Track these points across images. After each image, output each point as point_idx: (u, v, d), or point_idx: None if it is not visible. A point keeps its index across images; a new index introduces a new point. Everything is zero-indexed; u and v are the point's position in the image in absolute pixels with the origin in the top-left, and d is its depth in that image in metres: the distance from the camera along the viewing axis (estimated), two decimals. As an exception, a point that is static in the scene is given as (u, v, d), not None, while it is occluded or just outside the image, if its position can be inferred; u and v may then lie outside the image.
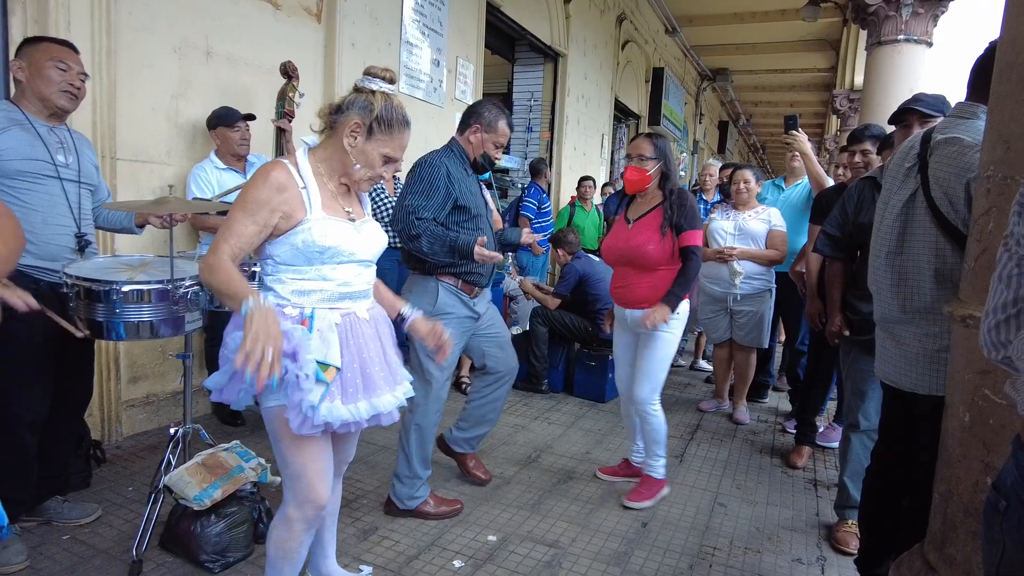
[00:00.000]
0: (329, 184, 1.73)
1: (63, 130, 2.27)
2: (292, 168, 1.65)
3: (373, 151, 1.69)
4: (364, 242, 1.75)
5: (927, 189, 1.71)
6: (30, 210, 2.12)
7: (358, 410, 1.68)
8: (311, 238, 1.62)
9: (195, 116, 3.47)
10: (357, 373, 1.70)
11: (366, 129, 1.67)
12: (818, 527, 2.86)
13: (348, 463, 2.04)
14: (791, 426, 4.03)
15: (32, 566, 2.20)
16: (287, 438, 1.66)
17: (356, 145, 1.68)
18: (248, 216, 1.57)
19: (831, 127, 12.73)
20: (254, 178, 1.61)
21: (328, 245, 1.64)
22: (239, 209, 1.58)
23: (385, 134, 1.69)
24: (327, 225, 1.65)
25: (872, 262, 1.95)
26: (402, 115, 1.72)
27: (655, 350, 2.86)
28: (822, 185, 3.88)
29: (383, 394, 1.75)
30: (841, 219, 2.69)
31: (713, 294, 4.21)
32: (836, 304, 2.78)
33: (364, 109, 1.66)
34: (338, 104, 1.70)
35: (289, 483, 1.73)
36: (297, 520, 1.73)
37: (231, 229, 1.56)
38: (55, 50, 2.18)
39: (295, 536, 1.75)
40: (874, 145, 3.15)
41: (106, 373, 3.10)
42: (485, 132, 2.71)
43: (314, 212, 1.64)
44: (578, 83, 8.30)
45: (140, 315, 2.00)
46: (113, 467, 2.95)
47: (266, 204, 1.58)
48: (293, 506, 1.73)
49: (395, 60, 4.94)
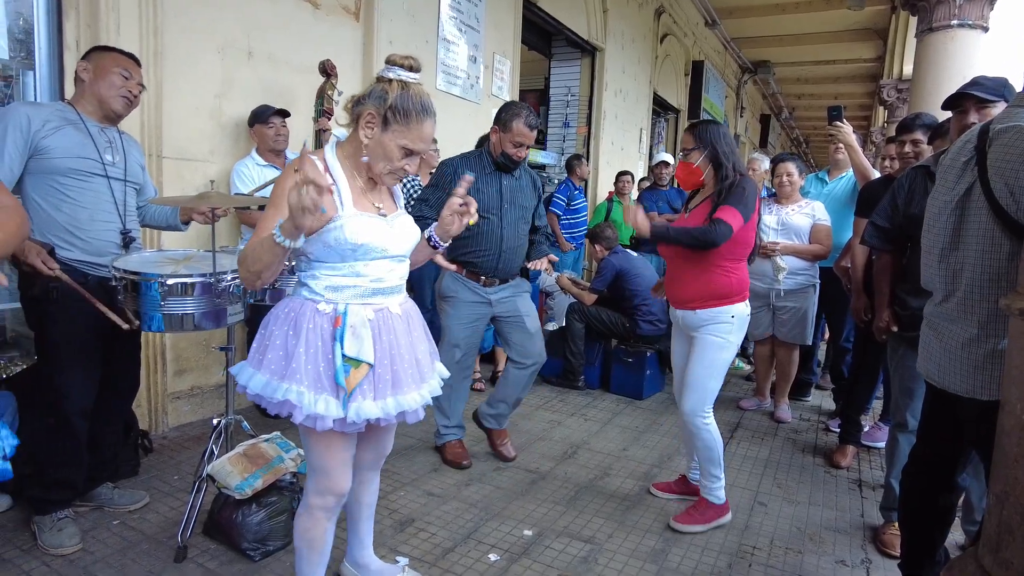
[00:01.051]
0: (359, 179, 1.71)
1: (113, 131, 2.35)
2: (320, 165, 1.64)
3: (390, 143, 1.62)
4: (396, 237, 1.73)
5: (985, 182, 1.64)
6: (79, 207, 2.20)
7: (387, 406, 1.69)
8: (343, 236, 1.61)
9: (237, 115, 3.55)
10: (387, 369, 1.71)
11: (381, 119, 1.61)
12: (863, 529, 2.78)
13: (386, 456, 2.05)
14: (835, 425, 3.93)
15: (85, 548, 2.29)
16: (312, 433, 1.68)
17: (372, 136, 1.63)
18: (279, 212, 1.55)
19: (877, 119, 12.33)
20: (282, 178, 1.61)
21: (360, 243, 1.63)
22: (271, 206, 1.60)
23: (402, 124, 1.61)
24: (358, 222, 1.64)
25: (925, 260, 1.88)
26: (420, 104, 1.62)
27: (703, 355, 2.57)
28: (867, 177, 3.76)
29: (410, 392, 1.75)
30: (891, 210, 2.60)
31: (755, 290, 4.10)
32: (885, 298, 2.69)
33: (378, 99, 1.60)
34: (359, 95, 1.67)
35: (312, 473, 1.76)
36: (318, 508, 1.77)
37: (264, 228, 1.56)
38: (122, 60, 2.30)
39: (317, 524, 1.78)
40: (925, 134, 3.03)
41: (153, 366, 3.20)
42: (502, 132, 2.86)
43: (345, 209, 1.64)
44: (616, 77, 8.22)
45: (184, 308, 2.05)
46: (160, 456, 3.05)
47: None
48: (314, 495, 1.76)
49: (432, 57, 4.96)
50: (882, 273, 2.71)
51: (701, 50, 11.40)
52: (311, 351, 1.63)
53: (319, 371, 1.62)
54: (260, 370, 1.64)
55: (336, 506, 1.80)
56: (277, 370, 1.63)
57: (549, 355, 4.74)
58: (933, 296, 1.85)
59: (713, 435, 2.63)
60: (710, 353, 2.57)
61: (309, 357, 1.62)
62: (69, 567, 2.19)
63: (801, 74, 14.34)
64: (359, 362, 1.63)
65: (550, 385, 4.68)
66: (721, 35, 11.87)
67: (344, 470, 1.76)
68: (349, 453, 1.77)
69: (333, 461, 1.73)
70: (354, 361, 1.63)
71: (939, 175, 1.86)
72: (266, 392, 1.62)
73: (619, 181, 6.78)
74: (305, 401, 1.60)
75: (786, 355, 4.17)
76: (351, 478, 1.81)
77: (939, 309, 1.81)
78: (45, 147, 2.12)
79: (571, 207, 6.13)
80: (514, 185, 3.03)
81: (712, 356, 2.57)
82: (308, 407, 1.60)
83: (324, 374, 1.62)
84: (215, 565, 2.24)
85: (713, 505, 2.69)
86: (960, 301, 1.74)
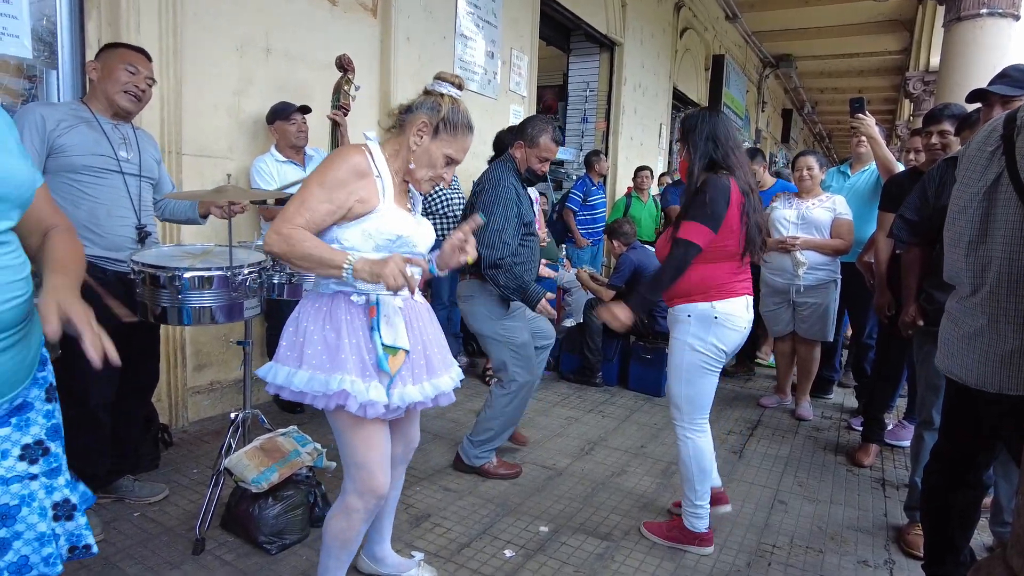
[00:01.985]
0: (396, 178, 1.77)
1: (127, 127, 2.38)
2: (369, 156, 1.70)
3: (437, 151, 1.73)
4: (422, 236, 1.81)
5: (1014, 172, 1.59)
6: (96, 203, 2.23)
7: (425, 390, 1.76)
8: (385, 226, 1.67)
9: (255, 112, 3.57)
10: (420, 355, 1.77)
11: (432, 129, 1.72)
12: (886, 529, 2.72)
13: (414, 448, 2.08)
14: (857, 423, 3.86)
15: (107, 539, 2.32)
16: (350, 428, 1.69)
17: (422, 144, 1.73)
18: (325, 193, 1.61)
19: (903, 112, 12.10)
20: (334, 159, 1.65)
21: (400, 233, 1.69)
22: (316, 185, 1.61)
23: (450, 135, 1.73)
24: (397, 216, 1.70)
25: (949, 254, 1.83)
26: (467, 120, 1.77)
27: (670, 357, 2.40)
28: (891, 171, 3.68)
29: (442, 375, 1.82)
30: (920, 203, 2.54)
31: (775, 285, 4.06)
32: (912, 292, 2.63)
33: (432, 110, 1.72)
34: (408, 105, 1.76)
35: (351, 472, 1.74)
36: (358, 510, 1.75)
37: (306, 203, 1.60)
38: (128, 55, 2.31)
39: (354, 526, 1.77)
40: (953, 125, 2.96)
41: (173, 360, 3.23)
42: (528, 148, 2.88)
43: (387, 202, 1.69)
44: (635, 72, 8.16)
45: (201, 301, 2.07)
46: (180, 450, 3.08)
47: (345, 186, 1.62)
48: (354, 496, 1.74)
49: (449, 53, 4.96)
50: (911, 267, 2.65)
51: (721, 44, 11.28)
52: (353, 342, 1.66)
53: (364, 359, 1.66)
54: (300, 366, 1.65)
55: (376, 508, 1.77)
56: (320, 364, 1.64)
57: (567, 352, 4.75)
58: (957, 290, 1.80)
59: (689, 451, 2.37)
60: (674, 356, 2.38)
61: (353, 347, 1.65)
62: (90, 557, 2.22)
63: (824, 68, 14.12)
64: (396, 349, 1.69)
65: (567, 382, 4.66)
66: (742, 29, 11.73)
67: (384, 466, 1.75)
68: (387, 448, 1.76)
69: (374, 456, 1.72)
70: (391, 349, 1.68)
71: (963, 166, 1.81)
72: (311, 387, 1.62)
73: (637, 176, 6.73)
74: (358, 389, 1.62)
75: (807, 352, 4.11)
76: (390, 477, 1.78)
77: (964, 304, 1.76)
78: (61, 146, 2.16)
79: (588, 203, 6.10)
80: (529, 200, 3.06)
81: (676, 359, 2.37)
82: (361, 395, 1.62)
83: (369, 362, 1.66)
84: (232, 558, 2.25)
85: (687, 531, 2.43)
86: (988, 295, 1.69)
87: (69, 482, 1.38)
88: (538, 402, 4.17)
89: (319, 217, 1.61)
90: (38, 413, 1.32)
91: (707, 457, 2.38)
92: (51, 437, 1.34)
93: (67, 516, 1.35)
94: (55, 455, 1.34)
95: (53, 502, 1.33)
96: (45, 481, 1.31)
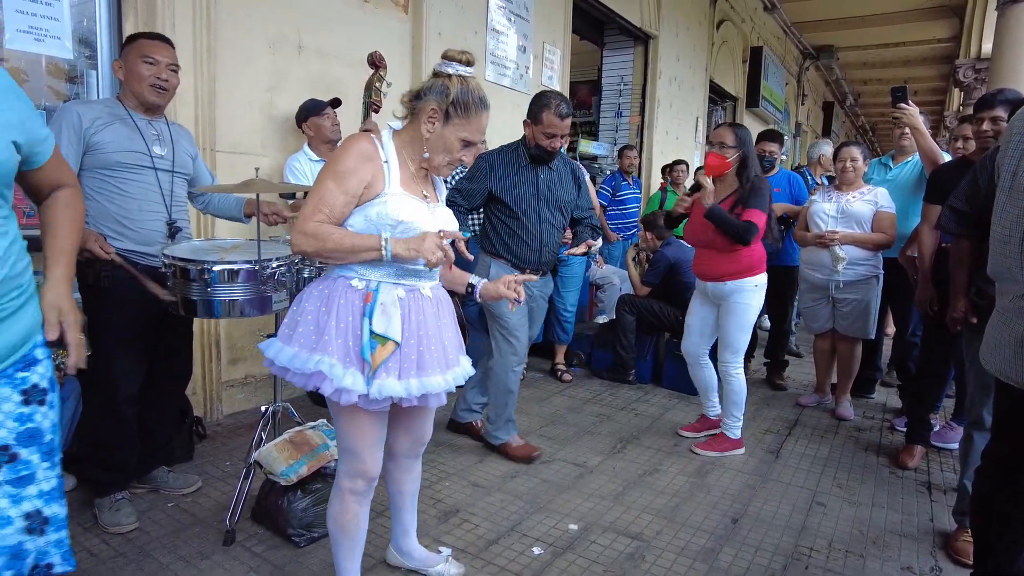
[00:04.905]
0: (410, 166, 1.75)
1: (161, 122, 2.40)
2: (377, 142, 1.69)
3: (451, 136, 1.69)
4: (436, 224, 1.75)
5: None
6: (129, 198, 2.27)
7: (410, 387, 1.69)
8: (385, 211, 1.64)
9: (288, 109, 3.61)
10: (413, 349, 1.71)
11: (443, 114, 1.67)
12: (932, 534, 2.61)
13: (425, 443, 2.04)
14: (900, 424, 3.71)
15: (141, 528, 2.37)
16: (342, 413, 1.70)
17: (434, 131, 1.69)
18: (339, 185, 1.61)
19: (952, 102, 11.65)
20: (342, 149, 1.65)
21: (401, 219, 1.66)
22: (329, 178, 1.62)
23: (462, 118, 1.67)
24: (403, 201, 1.67)
25: (999, 249, 1.72)
26: (479, 97, 1.69)
27: (736, 317, 3.17)
28: (935, 162, 3.52)
29: (434, 375, 1.74)
30: (971, 191, 2.41)
31: (814, 281, 3.94)
32: (962, 287, 2.50)
33: (440, 94, 1.66)
34: (417, 90, 1.71)
35: (342, 455, 1.78)
36: (348, 491, 1.78)
37: (323, 199, 1.61)
38: (144, 46, 2.29)
39: (348, 509, 1.79)
40: (1007, 111, 2.82)
41: (208, 354, 3.29)
42: (533, 125, 2.84)
43: (392, 187, 1.67)
44: (670, 65, 8.03)
45: (231, 294, 2.09)
46: (213, 443, 3.13)
47: (355, 173, 1.62)
48: (345, 478, 1.78)
49: (481, 48, 4.94)
50: (960, 260, 2.52)
51: (760, 36, 11.03)
52: (341, 325, 1.65)
53: (348, 345, 1.64)
54: (290, 343, 1.66)
55: (367, 490, 1.80)
56: (307, 343, 1.65)
57: (599, 349, 4.70)
58: (1006, 288, 1.70)
59: (741, 382, 3.26)
60: (741, 316, 3.17)
61: (339, 331, 1.64)
62: (126, 545, 2.27)
63: (867, 58, 13.69)
64: (386, 339, 1.65)
65: (600, 379, 4.60)
66: (781, 20, 11.45)
67: (373, 453, 1.77)
68: (378, 436, 1.78)
69: (363, 443, 1.74)
70: (381, 338, 1.65)
71: (1006, 155, 1.71)
72: (294, 364, 1.63)
73: (673, 170, 6.62)
74: (335, 373, 1.61)
75: (847, 350, 3.97)
76: (381, 461, 1.81)
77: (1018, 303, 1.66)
78: (96, 143, 2.20)
79: (617, 198, 6.01)
80: (551, 177, 3.00)
81: (742, 318, 3.18)
82: (337, 379, 1.61)
83: (352, 349, 1.64)
84: (261, 549, 2.28)
85: (730, 439, 3.31)
86: None
87: (45, 493, 1.31)
88: (569, 399, 4.13)
89: (338, 210, 1.62)
90: (7, 416, 1.25)
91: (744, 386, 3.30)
92: (22, 443, 1.27)
93: (39, 530, 1.30)
94: (25, 462, 1.27)
95: (24, 512, 1.27)
96: (10, 490, 1.25)
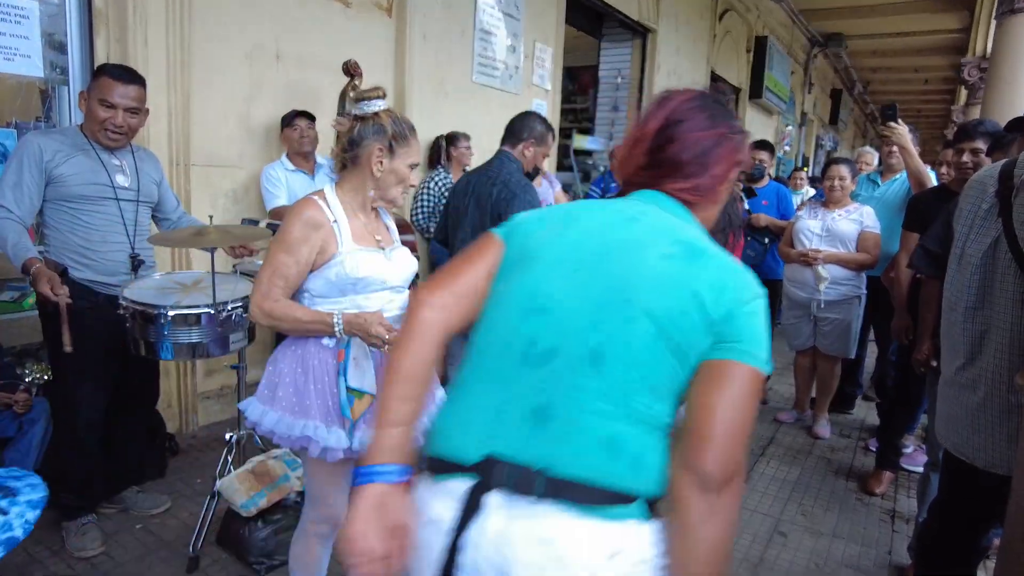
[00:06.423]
0: (360, 216, 1.77)
1: (125, 152, 2.39)
2: (322, 203, 1.71)
3: (400, 166, 1.74)
4: (394, 269, 1.79)
5: (1011, 236, 1.47)
6: (91, 229, 2.27)
7: None
8: (343, 271, 1.68)
9: (265, 119, 3.58)
10: None
11: (388, 150, 1.71)
12: (888, 568, 2.64)
13: None
14: (874, 444, 3.73)
15: (107, 553, 2.41)
16: (313, 462, 1.74)
17: (384, 168, 1.72)
18: (291, 256, 1.65)
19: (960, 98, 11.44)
20: (289, 218, 1.68)
21: (360, 276, 1.69)
22: (281, 251, 1.66)
23: (404, 147, 1.73)
24: (358, 257, 1.70)
25: (947, 317, 1.71)
26: (408, 123, 1.78)
27: None
28: (923, 184, 3.48)
29: None
30: (945, 235, 2.38)
31: (796, 298, 3.93)
32: (928, 329, 2.48)
33: (378, 133, 1.70)
34: (348, 140, 1.72)
35: (310, 500, 1.83)
36: (312, 534, 1.83)
37: (276, 270, 1.65)
38: (104, 87, 2.21)
39: (311, 550, 1.85)
40: (986, 143, 2.78)
41: (183, 367, 3.32)
42: (537, 146, 2.76)
43: (345, 245, 1.70)
44: (669, 58, 7.89)
45: (190, 337, 2.10)
46: (187, 457, 3.18)
47: (305, 242, 1.66)
48: (311, 522, 1.83)
49: (468, 50, 4.87)
50: (929, 301, 2.49)
51: (765, 24, 10.81)
52: (319, 386, 1.70)
53: (328, 405, 1.70)
54: (272, 407, 1.72)
55: (331, 533, 1.86)
56: (289, 407, 1.70)
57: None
58: (953, 358, 1.69)
59: None
60: None
61: (318, 392, 1.70)
62: (90, 571, 2.32)
63: (877, 47, 13.41)
64: (362, 393, 1.70)
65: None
66: (787, 8, 11.21)
67: (342, 499, 1.81)
68: (347, 482, 1.82)
69: (332, 489, 1.79)
70: (358, 392, 1.70)
71: (956, 221, 1.69)
72: (280, 428, 1.70)
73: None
74: (320, 435, 1.67)
75: (827, 368, 3.98)
76: (346, 507, 1.85)
77: (960, 376, 1.65)
78: (58, 175, 2.19)
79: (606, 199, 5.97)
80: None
81: None
82: (323, 440, 1.67)
83: (332, 408, 1.70)
84: (223, 577, 2.32)
85: None
86: (985, 367, 1.58)
87: None
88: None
89: (292, 281, 1.67)
90: None
91: None
92: None
93: None
94: None
95: None
96: None
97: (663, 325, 0.95)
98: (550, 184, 4.29)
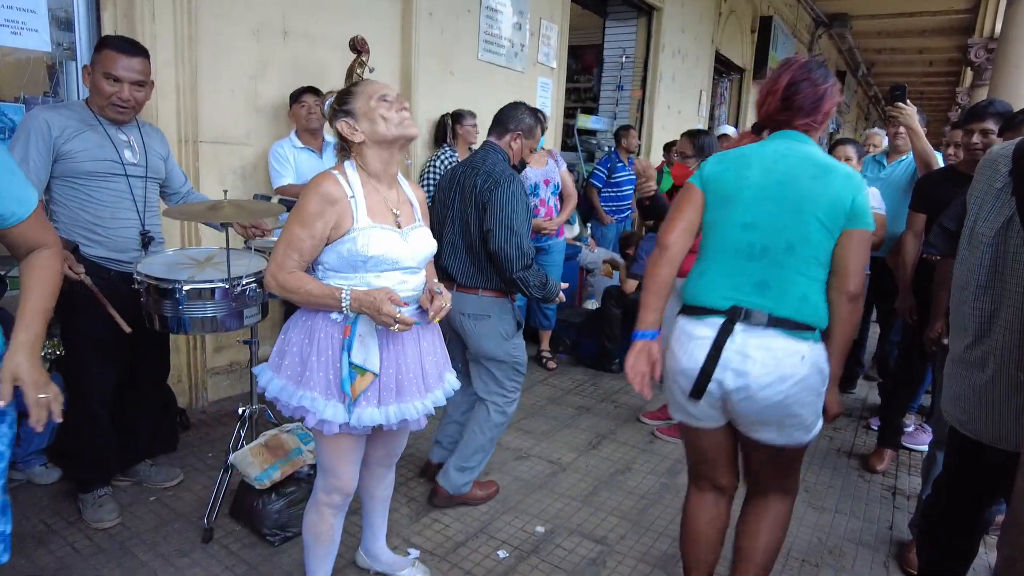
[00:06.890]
0: (380, 190, 1.78)
1: (132, 128, 2.38)
2: (341, 178, 1.72)
3: (374, 111, 1.70)
4: (409, 250, 1.79)
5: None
6: (101, 205, 2.28)
7: (389, 414, 1.77)
8: (355, 247, 1.69)
9: (273, 96, 3.57)
10: (392, 378, 1.78)
11: (351, 115, 1.71)
12: (889, 543, 2.69)
13: (399, 455, 2.13)
14: (876, 423, 3.77)
15: (123, 523, 2.46)
16: (322, 435, 1.78)
17: (363, 129, 1.72)
18: (305, 229, 1.67)
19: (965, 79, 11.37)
20: (307, 191, 1.70)
21: (371, 254, 1.70)
22: (296, 224, 1.68)
23: (352, 101, 1.72)
24: (372, 234, 1.71)
25: (957, 296, 1.73)
26: (351, 83, 1.88)
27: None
28: (929, 165, 3.48)
29: (413, 401, 1.82)
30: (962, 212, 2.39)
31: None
32: (942, 307, 2.49)
33: (336, 116, 1.74)
34: (336, 134, 1.78)
35: (321, 471, 1.87)
36: (325, 505, 1.89)
37: (291, 243, 1.68)
38: (109, 60, 2.19)
39: (324, 520, 1.90)
40: (997, 124, 2.78)
41: (193, 343, 3.34)
42: (525, 139, 2.73)
43: (360, 221, 1.71)
44: (674, 38, 7.84)
45: (204, 311, 2.12)
46: (198, 432, 3.22)
47: (320, 216, 1.67)
48: (322, 492, 1.88)
49: (474, 27, 4.84)
50: (944, 281, 2.49)
51: (770, 4, 10.71)
52: (322, 359, 1.73)
53: (329, 379, 1.72)
54: (278, 374, 1.77)
55: (342, 504, 1.91)
56: (293, 376, 1.74)
57: (585, 336, 4.74)
58: (962, 336, 1.71)
59: None
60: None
61: (321, 364, 1.72)
62: (108, 541, 2.37)
63: (882, 27, 13.27)
64: (365, 370, 1.72)
65: (584, 367, 4.66)
66: (794, -14, 11.10)
67: (351, 471, 1.87)
68: (357, 455, 1.88)
69: (341, 462, 1.84)
70: (360, 369, 1.71)
71: (969, 201, 1.70)
72: (282, 396, 1.75)
73: (669, 152, 6.54)
74: (317, 407, 1.71)
75: (830, 347, 4.00)
76: (357, 478, 1.92)
77: (968, 354, 1.67)
78: (67, 151, 2.18)
79: (612, 180, 5.96)
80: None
81: None
82: (319, 413, 1.71)
83: (333, 382, 1.72)
84: (238, 548, 2.37)
85: None
86: (994, 345, 1.60)
87: None
88: (552, 388, 4.20)
89: (307, 254, 1.70)
90: None
91: None
92: None
93: None
94: None
95: None
96: None
97: (824, 221, 1.67)
98: (556, 163, 4.28)
